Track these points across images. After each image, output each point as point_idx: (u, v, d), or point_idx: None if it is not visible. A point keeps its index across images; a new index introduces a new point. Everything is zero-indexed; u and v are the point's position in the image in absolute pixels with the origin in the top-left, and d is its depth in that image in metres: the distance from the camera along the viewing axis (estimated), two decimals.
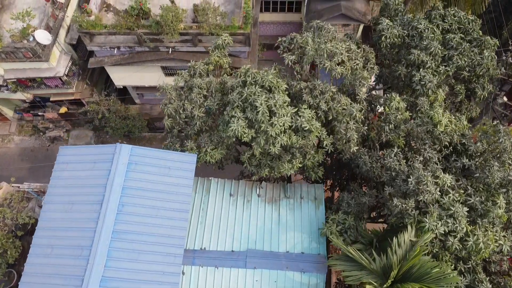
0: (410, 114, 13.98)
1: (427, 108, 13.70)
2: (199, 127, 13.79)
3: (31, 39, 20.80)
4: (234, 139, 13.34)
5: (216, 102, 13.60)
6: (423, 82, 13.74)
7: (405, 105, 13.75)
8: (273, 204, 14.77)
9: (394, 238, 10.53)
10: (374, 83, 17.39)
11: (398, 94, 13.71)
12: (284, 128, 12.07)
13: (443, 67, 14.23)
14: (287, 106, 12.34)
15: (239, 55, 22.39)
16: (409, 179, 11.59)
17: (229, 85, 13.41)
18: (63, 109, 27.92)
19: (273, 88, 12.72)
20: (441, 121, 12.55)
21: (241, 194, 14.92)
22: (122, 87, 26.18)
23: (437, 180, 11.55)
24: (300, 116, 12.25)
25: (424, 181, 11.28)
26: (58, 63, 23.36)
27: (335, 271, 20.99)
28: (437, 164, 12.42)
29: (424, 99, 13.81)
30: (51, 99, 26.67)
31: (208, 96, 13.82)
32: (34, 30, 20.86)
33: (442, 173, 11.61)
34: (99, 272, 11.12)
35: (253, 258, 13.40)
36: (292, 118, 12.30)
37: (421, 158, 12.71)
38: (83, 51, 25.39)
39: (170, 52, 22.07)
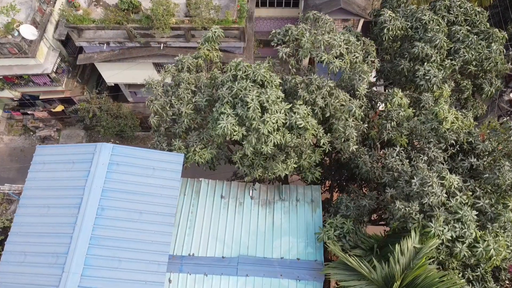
0: (414, 111, 13.07)
1: (431, 105, 12.80)
2: (187, 125, 12.88)
3: (16, 34, 19.91)
4: (224, 138, 12.44)
5: (205, 98, 12.68)
6: (427, 77, 12.84)
7: (408, 101, 12.84)
8: (267, 207, 13.84)
9: (396, 244, 9.59)
10: (374, 79, 16.48)
11: (400, 90, 12.80)
12: (277, 125, 11.15)
13: (449, 61, 13.32)
14: (281, 102, 11.43)
15: (233, 51, 21.50)
16: (412, 180, 10.66)
17: (219, 80, 12.49)
18: (59, 107, 27.04)
19: (265, 82, 11.81)
20: (447, 117, 11.62)
21: (233, 196, 14.00)
22: (113, 84, 25.31)
23: (443, 181, 10.62)
24: (294, 113, 11.34)
25: (429, 182, 10.35)
26: (46, 59, 22.47)
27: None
28: (442, 164, 11.49)
29: (429, 95, 12.91)
30: (40, 98, 25.79)
31: (197, 92, 12.90)
32: (19, 25, 19.97)
33: (448, 173, 10.68)
34: (75, 281, 10.20)
35: (245, 265, 12.48)
36: (286, 115, 11.39)
37: (425, 158, 11.79)
38: (72, 47, 24.51)
39: (161, 48, 21.18)
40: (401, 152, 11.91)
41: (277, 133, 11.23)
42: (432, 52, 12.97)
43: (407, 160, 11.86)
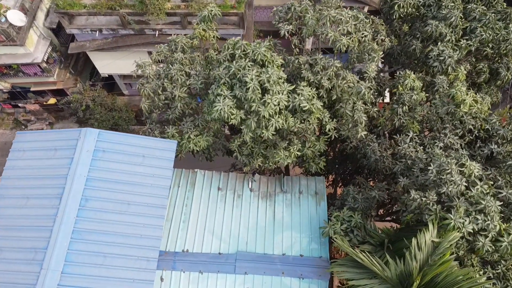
0: (427, 95, 12.04)
1: (446, 88, 11.77)
2: (180, 110, 11.85)
3: (3, 20, 18.89)
4: (221, 123, 11.43)
5: (200, 80, 11.66)
6: (441, 58, 11.81)
7: (421, 85, 11.81)
8: (268, 200, 12.81)
9: (413, 238, 8.55)
10: (381, 64, 15.47)
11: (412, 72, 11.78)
12: (279, 108, 10.12)
13: (464, 41, 12.28)
14: (283, 83, 10.39)
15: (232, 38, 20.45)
16: (429, 168, 9.62)
17: (215, 60, 11.47)
18: (52, 100, 26.03)
19: (266, 62, 10.79)
20: (465, 100, 10.60)
21: (231, 188, 12.97)
22: (107, 75, 24.28)
23: (463, 169, 9.60)
24: (298, 95, 10.31)
25: (448, 169, 9.31)
26: (36, 48, 21.47)
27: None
28: (461, 150, 10.44)
29: (443, 77, 11.87)
30: (31, 89, 24.78)
31: (192, 74, 11.87)
32: (7, 10, 18.96)
33: (468, 160, 9.65)
34: (54, 279, 9.19)
35: (244, 261, 11.45)
36: (288, 97, 10.36)
37: (441, 145, 10.76)
38: (64, 37, 23.53)
39: (157, 35, 20.15)
40: (415, 138, 10.87)
41: (279, 117, 10.21)
42: (447, 31, 11.95)
43: (421, 147, 10.83)
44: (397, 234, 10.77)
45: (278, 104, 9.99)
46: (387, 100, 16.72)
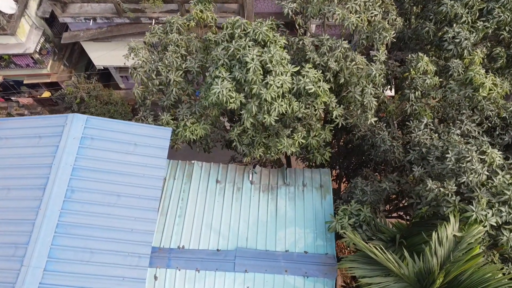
0: (440, 80, 11.20)
1: (461, 73, 10.94)
2: (176, 95, 11.02)
3: None
4: (219, 110, 10.60)
5: (197, 63, 10.82)
6: (457, 40, 10.96)
7: (434, 69, 10.98)
8: (269, 193, 11.98)
9: (433, 232, 7.70)
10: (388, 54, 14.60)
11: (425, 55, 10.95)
12: (283, 91, 9.28)
13: (481, 22, 11.43)
14: (287, 64, 9.56)
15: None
16: (447, 155, 8.78)
17: (213, 40, 10.63)
18: (46, 93, 25.28)
19: (268, 43, 9.95)
20: (484, 83, 9.76)
21: (230, 181, 12.13)
22: (102, 68, 23.47)
23: (484, 157, 8.76)
24: (303, 77, 9.46)
25: (468, 156, 8.47)
26: (28, 38, 20.68)
27: (342, 273, 18.23)
28: (481, 137, 9.60)
29: (458, 61, 11.04)
30: (25, 82, 23.97)
31: (188, 57, 11.04)
32: None
33: (490, 147, 8.81)
34: (36, 277, 8.35)
35: (244, 259, 10.62)
36: (292, 79, 9.52)
37: (458, 132, 9.92)
38: (58, 27, 22.76)
39: (153, 24, 19.27)
40: (430, 124, 10.03)
41: (282, 100, 9.37)
42: (463, 12, 11.11)
43: (436, 135, 9.99)
44: (410, 229, 9.93)
45: (281, 87, 9.16)
46: (391, 93, 15.91)
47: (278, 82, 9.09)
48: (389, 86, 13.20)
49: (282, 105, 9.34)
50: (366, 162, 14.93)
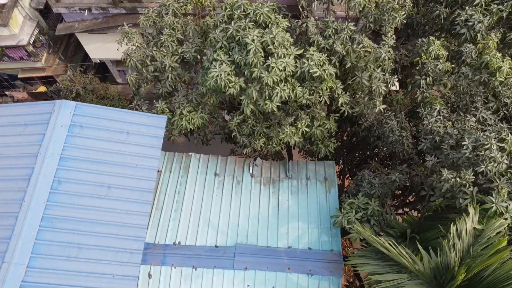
0: (452, 66, 10.55)
1: (474, 58, 10.29)
2: (172, 82, 10.37)
3: None
4: (218, 98, 9.95)
5: (194, 48, 10.17)
6: (470, 23, 10.31)
7: (446, 54, 10.33)
8: (271, 187, 11.33)
9: (452, 225, 7.04)
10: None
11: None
12: (285, 74, 8.62)
13: (495, 5, 10.78)
14: (290, 46, 8.90)
15: None
16: (463, 143, 8.11)
17: (211, 23, 9.99)
18: (41, 88, 24.66)
19: (270, 25, 9.30)
20: (501, 67, 9.10)
21: (229, 174, 11.49)
22: (99, 61, 22.83)
23: (503, 145, 8.10)
24: (308, 59, 8.81)
25: (487, 144, 7.82)
26: (21, 30, 20.03)
27: (344, 272, 17.58)
28: (500, 123, 8.93)
29: (471, 46, 10.39)
30: (19, 76, 23.33)
31: (184, 41, 10.39)
32: None
33: (509, 134, 8.15)
34: (18, 275, 7.70)
35: (244, 255, 9.98)
36: (296, 62, 8.87)
37: (473, 119, 9.27)
38: (53, 19, 22.09)
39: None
40: (443, 111, 9.37)
41: (284, 85, 8.71)
42: None
43: (450, 123, 9.34)
44: (422, 224, 9.27)
45: (284, 70, 8.50)
46: (395, 88, 15.26)
47: (281, 65, 8.44)
48: (395, 76, 12.55)
49: (284, 90, 8.68)
50: (371, 157, 14.30)
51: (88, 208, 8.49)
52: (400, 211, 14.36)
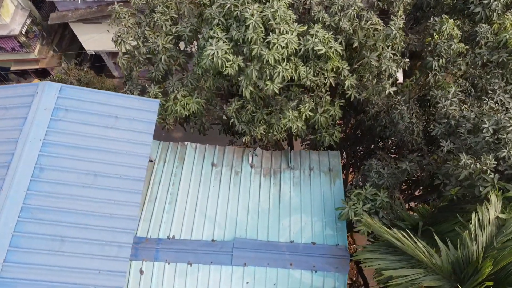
0: (466, 47, 9.84)
1: (490, 39, 9.59)
2: (165, 65, 9.67)
3: None
4: (214, 81, 9.25)
5: (189, 27, 9.47)
6: (486, 1, 9.61)
7: (460, 34, 9.62)
8: (272, 178, 10.63)
9: (473, 213, 6.33)
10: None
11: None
12: (288, 52, 7.92)
13: None
14: (292, 22, 8.20)
15: None
16: (484, 126, 7.40)
17: (207, 2, 9.29)
18: (35, 81, 24.02)
19: (271, 1, 8.59)
20: None
21: (228, 164, 10.79)
22: (94, 53, 22.13)
23: None
24: (312, 36, 8.10)
25: (509, 126, 7.11)
26: (13, 19, 19.37)
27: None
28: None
29: (486, 26, 9.69)
30: (12, 69, 22.66)
31: (179, 20, 9.70)
32: None
33: None
34: None
35: (243, 250, 9.28)
36: (299, 39, 8.16)
37: (491, 102, 8.56)
38: (46, 9, 21.40)
39: None
40: (458, 94, 8.66)
41: (286, 64, 8.00)
42: None
43: (466, 106, 8.63)
44: (435, 216, 8.57)
45: (286, 47, 7.79)
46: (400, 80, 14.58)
47: (283, 42, 7.74)
48: (404, 61, 11.84)
49: (287, 69, 7.97)
50: (376, 149, 13.62)
51: (73, 198, 7.79)
52: (406, 206, 13.68)
